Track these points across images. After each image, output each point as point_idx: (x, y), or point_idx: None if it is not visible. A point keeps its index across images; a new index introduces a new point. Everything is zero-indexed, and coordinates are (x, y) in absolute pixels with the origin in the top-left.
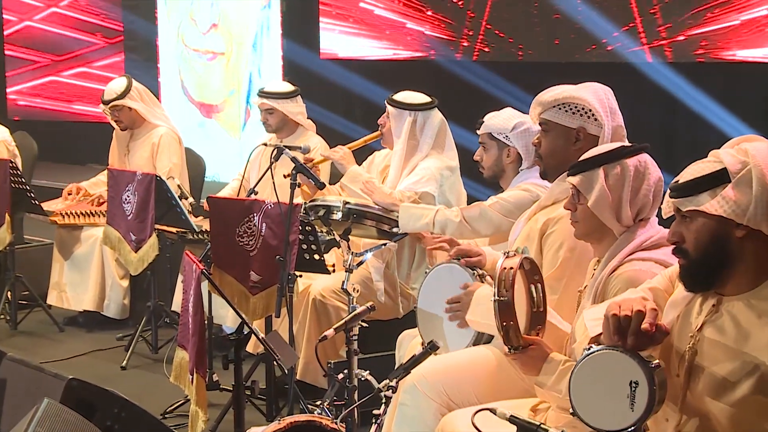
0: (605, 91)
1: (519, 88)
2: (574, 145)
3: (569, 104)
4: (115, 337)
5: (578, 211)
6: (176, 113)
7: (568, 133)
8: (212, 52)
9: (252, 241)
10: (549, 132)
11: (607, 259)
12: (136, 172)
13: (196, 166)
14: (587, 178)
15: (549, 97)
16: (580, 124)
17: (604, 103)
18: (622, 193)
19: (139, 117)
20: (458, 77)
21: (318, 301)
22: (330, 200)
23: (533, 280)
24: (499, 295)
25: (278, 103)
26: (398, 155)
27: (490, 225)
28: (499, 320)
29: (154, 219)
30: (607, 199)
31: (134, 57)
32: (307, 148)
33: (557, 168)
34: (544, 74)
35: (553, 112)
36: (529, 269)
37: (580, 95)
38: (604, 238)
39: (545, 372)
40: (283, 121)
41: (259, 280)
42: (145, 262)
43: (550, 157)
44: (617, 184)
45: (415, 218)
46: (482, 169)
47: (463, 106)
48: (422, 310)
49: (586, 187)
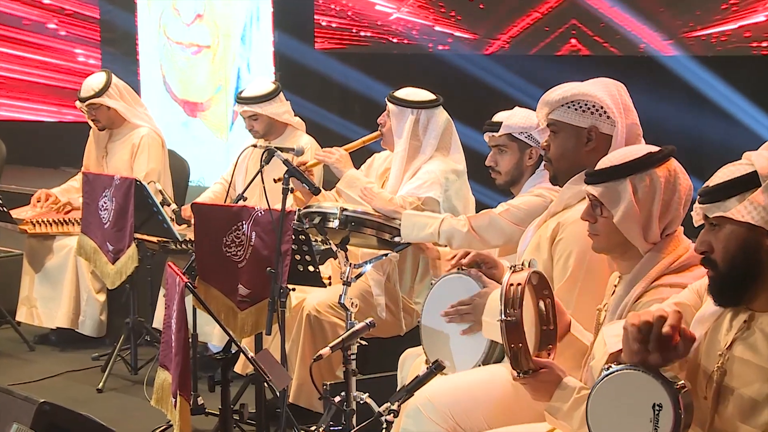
0: (617, 87)
1: (530, 83)
2: (586, 146)
3: (579, 102)
4: (90, 357)
5: (599, 223)
6: (158, 112)
7: (579, 133)
8: (197, 45)
9: (240, 252)
10: (558, 133)
11: (631, 281)
12: (113, 176)
13: (180, 169)
14: (612, 191)
15: (556, 95)
16: (592, 123)
17: (616, 99)
18: (652, 208)
19: (118, 116)
20: (464, 72)
21: (313, 316)
22: (326, 207)
23: (542, 296)
24: (507, 314)
25: (261, 107)
26: (400, 157)
27: (501, 235)
28: (506, 342)
29: (133, 227)
30: (636, 216)
31: (111, 50)
32: (300, 150)
33: (568, 171)
34: (557, 68)
35: (562, 112)
36: (538, 284)
37: (590, 92)
38: (628, 254)
39: (558, 398)
40: (269, 124)
41: (249, 294)
42: (124, 274)
43: (561, 160)
44: (647, 198)
45: (418, 227)
46: (497, 175)
47: (469, 103)
48: (427, 327)
49: (610, 200)
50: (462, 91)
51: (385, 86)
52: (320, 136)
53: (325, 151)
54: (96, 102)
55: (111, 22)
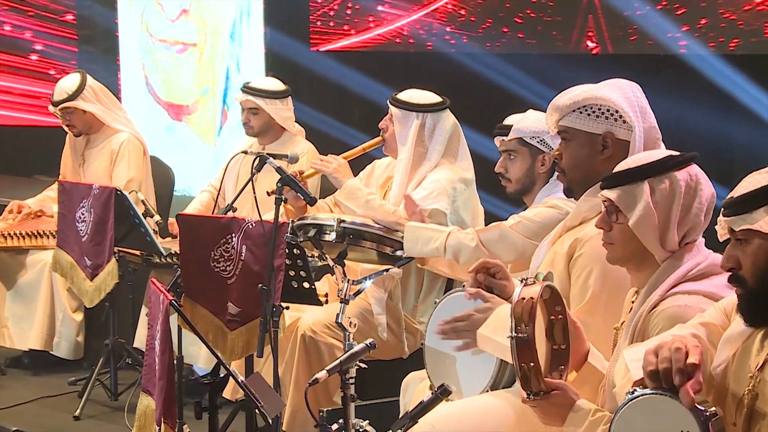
0: (632, 88)
1: (541, 83)
2: (602, 154)
3: (591, 106)
4: (66, 382)
5: (614, 230)
6: (140, 116)
7: (593, 140)
8: (182, 42)
9: (230, 267)
10: (571, 141)
11: (647, 291)
12: (92, 186)
13: (164, 178)
14: (628, 193)
15: (567, 99)
16: (607, 129)
17: (632, 101)
18: (671, 213)
19: (96, 121)
20: (472, 72)
21: (308, 337)
22: (322, 218)
23: (554, 312)
24: (517, 331)
25: (265, 103)
26: (403, 165)
27: (513, 249)
28: (517, 361)
29: (113, 240)
30: (653, 219)
31: (89, 49)
32: (295, 157)
33: (584, 182)
34: (570, 68)
35: (574, 117)
36: (549, 298)
37: (604, 94)
38: (644, 264)
39: (571, 422)
40: (267, 123)
41: (239, 312)
42: (103, 291)
43: (575, 170)
44: (665, 202)
45: (423, 240)
46: (507, 182)
47: (477, 106)
48: (431, 349)
49: (626, 204)
50: (470, 93)
51: (387, 88)
52: (317, 142)
53: (322, 160)
54: (70, 106)
55: (89, 18)
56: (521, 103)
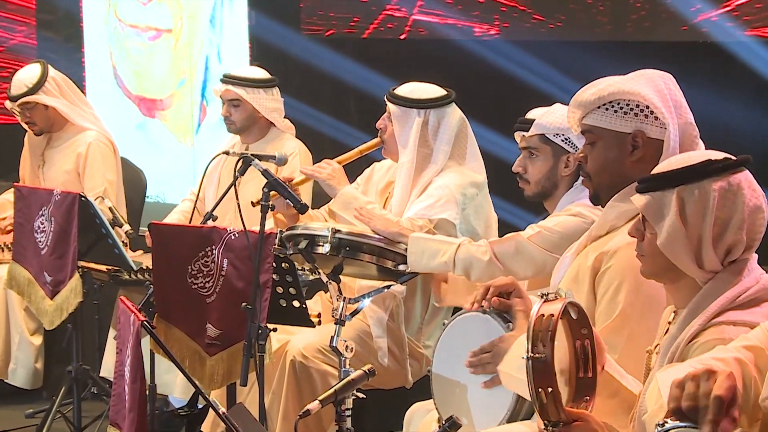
0: (664, 79)
1: (566, 75)
2: (632, 155)
3: (619, 102)
4: (24, 414)
5: (645, 242)
6: (107, 111)
7: (621, 140)
8: (155, 28)
9: (209, 283)
10: (597, 141)
11: (686, 317)
12: (53, 191)
13: (134, 182)
14: (656, 202)
15: (590, 95)
16: (637, 127)
17: (664, 95)
18: (703, 228)
19: (59, 117)
20: (484, 61)
21: (298, 363)
22: (315, 228)
23: (580, 335)
24: (534, 351)
25: (248, 93)
26: (405, 169)
27: (531, 264)
28: (533, 385)
29: (76, 254)
30: (681, 237)
31: (50, 36)
32: (283, 158)
33: (611, 187)
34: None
35: (599, 115)
36: (577, 319)
37: (632, 88)
38: (682, 280)
39: None
40: (251, 118)
41: (219, 335)
42: (65, 311)
43: (602, 174)
44: (696, 216)
45: (429, 254)
46: (525, 184)
47: (489, 99)
48: (439, 376)
49: (653, 215)
50: (480, 85)
51: (387, 79)
52: (308, 140)
53: (314, 166)
54: (30, 100)
55: (48, 1)
56: (540, 97)
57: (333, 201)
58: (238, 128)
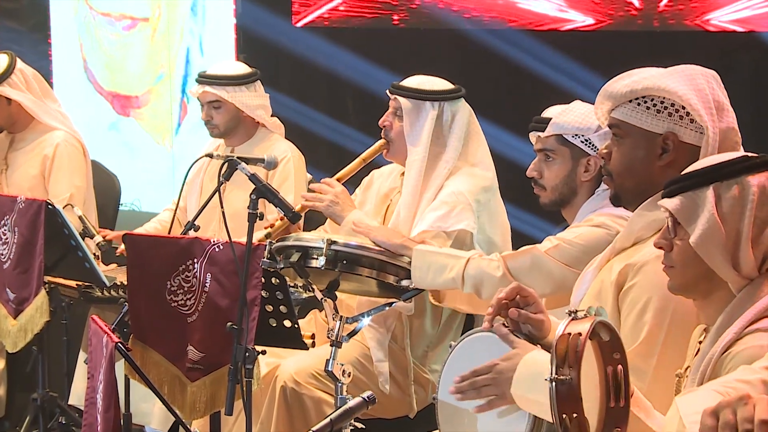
0: (707, 78)
1: (588, 68)
2: (660, 159)
3: (653, 98)
4: None
5: (675, 251)
6: (76, 109)
7: (650, 140)
8: (130, 17)
9: (190, 301)
10: (623, 138)
11: (719, 327)
12: (17, 198)
13: (107, 188)
14: (689, 202)
15: (623, 86)
16: (669, 128)
17: (705, 95)
18: (741, 226)
19: (23, 114)
20: (494, 53)
21: (290, 389)
22: (308, 239)
23: (612, 360)
24: (559, 373)
25: (228, 92)
26: (417, 168)
27: (549, 280)
28: (556, 410)
29: (42, 268)
30: (719, 234)
31: (13, 25)
32: (273, 161)
33: (635, 192)
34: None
35: (629, 110)
36: (608, 342)
37: (669, 85)
38: (714, 294)
39: None
40: (235, 119)
41: (201, 358)
42: (30, 332)
43: (626, 175)
44: (734, 212)
45: (435, 269)
46: (541, 190)
47: (500, 95)
48: (446, 404)
49: (686, 215)
50: (490, 79)
51: (388, 74)
52: (300, 142)
53: (313, 191)
54: None
55: None
56: (558, 93)
57: (339, 231)
58: (222, 132)
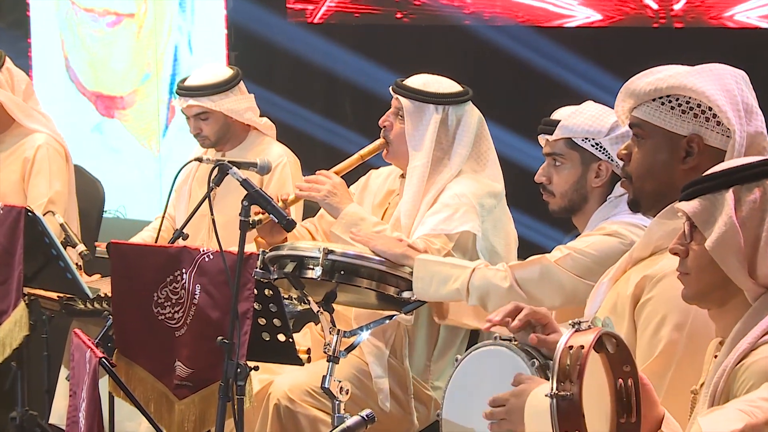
0: (736, 78)
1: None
2: (684, 162)
3: (678, 97)
4: None
5: (690, 257)
6: (58, 110)
7: (674, 142)
8: (115, 13)
9: (178, 313)
10: (645, 139)
11: (734, 338)
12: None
13: (90, 194)
14: (708, 205)
15: (646, 84)
16: (694, 130)
17: (733, 96)
18: (761, 232)
19: (4, 116)
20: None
21: (284, 407)
22: (303, 248)
23: (622, 373)
24: (560, 389)
25: (214, 101)
26: (418, 173)
27: (559, 292)
28: (557, 428)
29: (22, 279)
30: (737, 239)
31: None
32: (266, 165)
33: (655, 196)
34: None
35: (653, 109)
36: (616, 353)
37: (695, 85)
38: (730, 303)
39: None
40: (225, 126)
41: (190, 375)
42: (8, 347)
43: (646, 179)
44: (753, 217)
45: (438, 279)
46: (550, 196)
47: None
48: (450, 422)
49: (704, 219)
50: (496, 78)
51: (388, 72)
52: (296, 145)
53: (309, 182)
54: None
55: None
56: (569, 93)
57: (335, 224)
58: (213, 142)
